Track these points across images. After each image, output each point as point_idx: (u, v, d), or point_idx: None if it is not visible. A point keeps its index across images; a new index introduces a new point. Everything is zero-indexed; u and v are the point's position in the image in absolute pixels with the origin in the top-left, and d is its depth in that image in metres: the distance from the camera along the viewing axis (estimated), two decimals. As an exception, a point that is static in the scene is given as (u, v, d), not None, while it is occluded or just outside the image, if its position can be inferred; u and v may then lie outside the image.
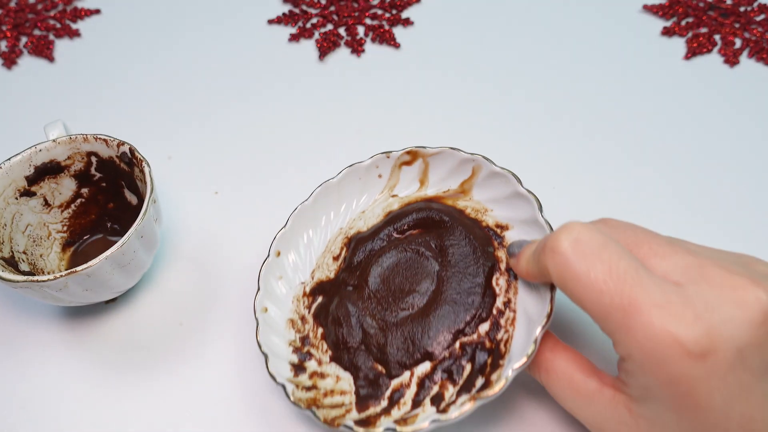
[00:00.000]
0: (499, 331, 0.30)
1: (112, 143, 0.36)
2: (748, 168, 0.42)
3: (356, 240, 0.36)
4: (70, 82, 0.51)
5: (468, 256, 0.33)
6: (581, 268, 0.23)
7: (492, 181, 0.35)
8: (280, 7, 0.56)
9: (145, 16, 0.56)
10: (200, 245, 0.40)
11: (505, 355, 0.29)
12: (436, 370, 0.30)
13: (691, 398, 0.22)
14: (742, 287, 0.22)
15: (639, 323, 0.22)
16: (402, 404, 0.30)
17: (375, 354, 0.32)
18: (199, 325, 0.36)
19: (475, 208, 0.36)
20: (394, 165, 0.37)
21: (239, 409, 0.33)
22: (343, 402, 0.30)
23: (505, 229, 0.34)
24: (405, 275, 0.34)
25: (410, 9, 0.55)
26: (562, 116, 0.46)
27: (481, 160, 0.35)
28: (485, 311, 0.31)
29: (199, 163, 0.44)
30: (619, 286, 0.22)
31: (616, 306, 0.22)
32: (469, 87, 0.48)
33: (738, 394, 0.21)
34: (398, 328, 0.32)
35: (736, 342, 0.21)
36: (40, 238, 0.38)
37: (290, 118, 0.47)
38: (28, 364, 0.36)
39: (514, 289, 0.31)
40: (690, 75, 0.48)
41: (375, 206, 0.37)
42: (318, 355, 0.32)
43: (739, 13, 0.52)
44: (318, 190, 0.36)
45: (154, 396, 0.34)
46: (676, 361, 0.21)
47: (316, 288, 0.35)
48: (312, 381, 0.31)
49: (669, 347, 0.21)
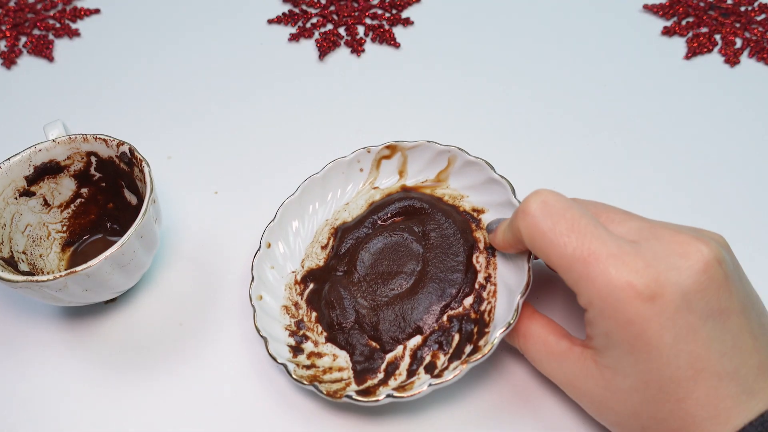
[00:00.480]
0: (482, 303, 0.34)
1: (111, 143, 0.36)
2: (748, 168, 0.42)
3: (342, 229, 0.38)
4: (70, 81, 0.51)
5: (449, 237, 0.36)
6: (547, 224, 0.27)
7: (467, 170, 0.38)
8: (280, 6, 0.56)
9: (144, 15, 0.56)
10: (200, 245, 0.40)
11: (490, 323, 0.32)
12: (428, 341, 0.33)
13: (644, 338, 0.25)
14: (687, 242, 0.25)
15: (597, 271, 0.25)
16: (398, 375, 0.32)
17: (368, 332, 0.34)
18: (199, 325, 0.36)
19: (452, 195, 0.38)
20: (375, 159, 0.40)
21: (239, 409, 0.33)
22: (341, 377, 0.33)
23: (481, 212, 0.37)
24: (392, 258, 0.36)
25: (410, 9, 0.55)
26: (562, 116, 0.46)
27: (455, 151, 0.38)
28: (468, 286, 0.34)
29: (198, 163, 0.44)
30: (580, 239, 0.26)
31: (578, 257, 0.26)
32: (469, 87, 0.48)
33: (685, 335, 0.24)
34: (389, 307, 0.34)
35: (681, 287, 0.24)
36: (40, 238, 0.38)
37: (290, 118, 0.47)
38: (28, 364, 0.35)
39: (494, 265, 0.35)
40: (690, 75, 0.48)
41: (358, 198, 0.40)
42: (314, 336, 0.34)
43: (739, 12, 0.52)
44: (304, 183, 0.39)
45: (154, 396, 0.34)
46: (630, 302, 0.24)
47: (306, 275, 0.37)
48: (310, 360, 0.33)
49: (623, 291, 0.24)
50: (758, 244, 0.38)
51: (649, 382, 0.25)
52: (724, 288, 0.25)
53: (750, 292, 0.27)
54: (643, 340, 0.25)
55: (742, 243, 0.39)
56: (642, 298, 0.24)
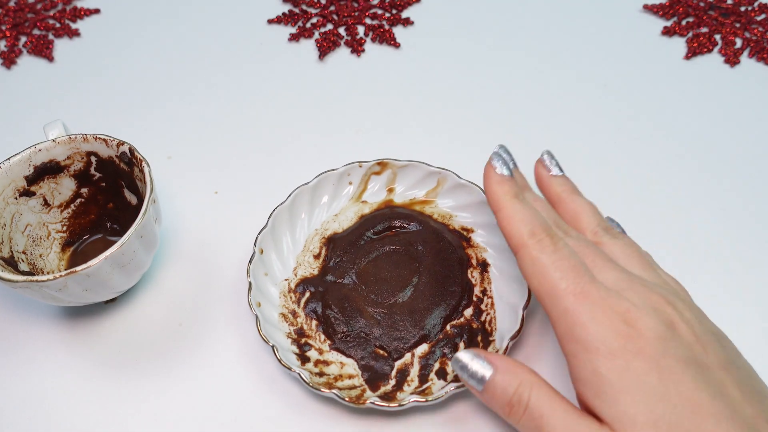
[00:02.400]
0: (481, 314, 0.35)
1: (111, 143, 0.36)
2: (748, 168, 0.42)
3: (335, 240, 0.39)
4: (70, 81, 0.51)
5: (442, 252, 0.37)
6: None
7: (456, 192, 0.39)
8: (279, 6, 0.56)
9: (144, 15, 0.56)
10: (200, 245, 0.40)
11: (493, 332, 0.34)
12: (435, 349, 0.34)
13: (633, 376, 0.25)
14: (659, 301, 0.27)
15: (585, 308, 0.26)
16: (410, 381, 0.33)
17: (374, 341, 0.34)
18: (198, 325, 0.36)
19: (441, 214, 0.39)
20: (365, 174, 0.40)
21: (239, 408, 0.33)
22: (353, 384, 0.33)
23: (470, 231, 0.38)
24: (389, 270, 0.37)
25: (410, 9, 0.55)
26: (562, 116, 0.46)
27: (446, 173, 0.39)
28: (466, 299, 0.36)
29: (198, 163, 0.44)
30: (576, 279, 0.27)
31: (570, 291, 0.27)
32: (469, 87, 0.48)
33: (668, 375, 0.24)
34: (393, 315, 0.35)
35: (657, 332, 0.25)
36: (40, 238, 0.38)
37: (290, 118, 0.47)
38: (28, 364, 0.35)
39: (488, 280, 0.36)
40: (690, 75, 0.48)
41: (347, 210, 0.40)
42: (317, 345, 0.35)
43: (739, 12, 0.52)
44: (294, 192, 0.38)
45: (154, 396, 0.34)
46: (614, 339, 0.25)
47: (300, 284, 0.37)
48: (318, 368, 0.33)
49: (608, 327, 0.26)
50: (758, 244, 0.38)
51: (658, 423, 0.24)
52: (697, 344, 0.26)
53: (727, 347, 0.27)
54: (631, 377, 0.25)
55: (742, 243, 0.39)
56: (624, 336, 0.25)
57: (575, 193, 0.34)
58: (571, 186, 0.34)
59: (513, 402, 0.27)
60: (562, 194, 0.33)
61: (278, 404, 0.33)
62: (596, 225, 0.31)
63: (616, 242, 0.30)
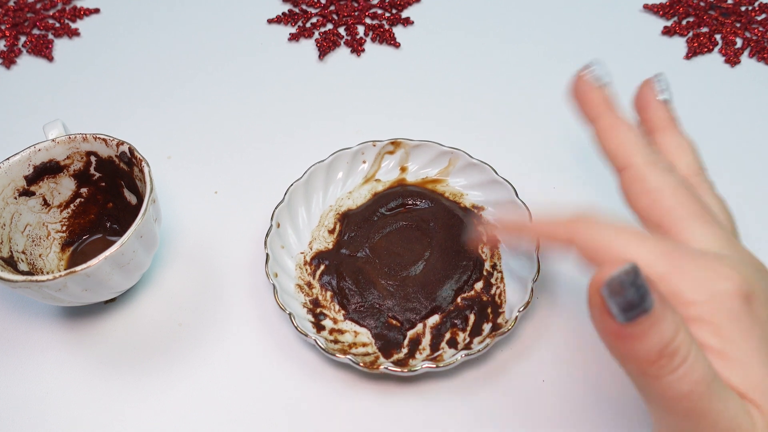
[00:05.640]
0: (491, 288, 0.36)
1: (111, 143, 0.36)
2: (748, 168, 0.42)
3: (349, 215, 0.40)
4: (70, 81, 0.51)
5: (453, 227, 0.38)
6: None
7: (467, 171, 0.40)
8: (279, 6, 0.56)
9: (144, 15, 0.56)
10: (200, 245, 0.40)
11: (502, 305, 0.35)
12: (446, 319, 0.35)
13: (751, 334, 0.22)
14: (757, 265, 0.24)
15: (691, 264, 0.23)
16: (422, 350, 0.34)
17: (386, 311, 0.36)
18: (198, 325, 0.36)
19: (452, 192, 0.40)
20: (379, 153, 0.41)
21: (239, 408, 0.33)
22: (367, 352, 0.34)
23: (481, 209, 0.39)
24: (402, 244, 0.38)
25: (410, 9, 0.55)
26: (562, 116, 0.46)
27: (458, 153, 0.40)
28: (477, 272, 0.37)
29: (198, 163, 0.44)
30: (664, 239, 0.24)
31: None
32: (469, 87, 0.48)
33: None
34: (405, 287, 0.36)
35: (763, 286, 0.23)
36: (39, 237, 0.38)
37: (290, 118, 0.47)
38: (28, 364, 0.35)
39: (498, 255, 0.38)
40: (691, 75, 0.48)
41: (361, 187, 0.41)
42: (332, 314, 0.36)
43: (740, 12, 0.52)
44: (310, 169, 0.40)
45: (154, 396, 0.34)
46: (732, 298, 0.22)
47: (316, 257, 0.38)
48: (333, 336, 0.35)
49: (725, 286, 0.22)
50: (758, 244, 0.38)
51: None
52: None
53: None
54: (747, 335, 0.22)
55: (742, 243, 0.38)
56: (741, 296, 0.22)
57: (679, 126, 0.29)
58: (675, 117, 0.30)
59: (668, 352, 0.20)
60: (666, 122, 0.29)
61: (278, 405, 0.33)
62: (699, 168, 0.28)
63: (713, 194, 0.27)
